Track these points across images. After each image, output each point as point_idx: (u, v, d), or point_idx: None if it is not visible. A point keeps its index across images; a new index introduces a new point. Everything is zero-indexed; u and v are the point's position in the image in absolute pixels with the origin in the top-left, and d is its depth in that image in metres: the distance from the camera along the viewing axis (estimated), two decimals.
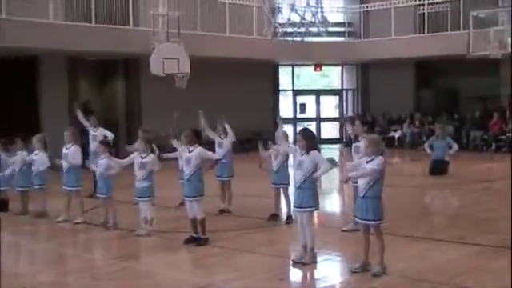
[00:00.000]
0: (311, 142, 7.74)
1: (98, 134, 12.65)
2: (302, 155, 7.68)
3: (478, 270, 7.47)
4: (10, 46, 15.06)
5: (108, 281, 7.53)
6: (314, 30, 18.36)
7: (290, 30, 18.35)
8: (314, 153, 7.63)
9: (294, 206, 7.94)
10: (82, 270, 7.95)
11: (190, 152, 8.81)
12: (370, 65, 25.36)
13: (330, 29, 19.86)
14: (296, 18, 17.49)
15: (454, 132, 20.93)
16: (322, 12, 17.30)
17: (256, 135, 19.11)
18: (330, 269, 7.92)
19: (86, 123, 12.97)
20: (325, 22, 17.90)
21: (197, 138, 8.90)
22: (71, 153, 10.67)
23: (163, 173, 9.76)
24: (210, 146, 9.75)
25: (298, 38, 18.65)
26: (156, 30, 17.72)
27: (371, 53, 22.97)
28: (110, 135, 12.59)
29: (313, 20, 17.41)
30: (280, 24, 18.00)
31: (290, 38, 18.57)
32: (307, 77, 26.98)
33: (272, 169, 10.27)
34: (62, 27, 16.65)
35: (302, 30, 17.69)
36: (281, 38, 18.67)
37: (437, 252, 8.31)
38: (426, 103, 24.56)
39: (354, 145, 9.38)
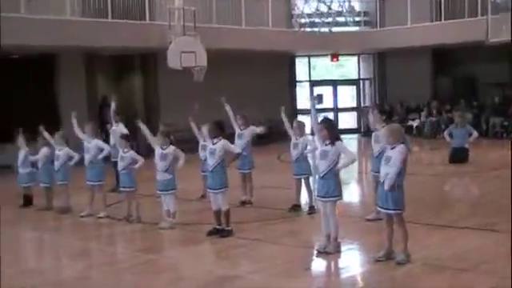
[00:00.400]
0: (334, 131, 7.77)
1: (118, 128, 12.75)
2: (327, 145, 7.69)
3: (500, 257, 7.43)
4: (28, 44, 15.17)
5: (132, 274, 7.58)
6: (342, 19, 18.29)
7: (317, 20, 18.26)
8: (338, 143, 7.67)
9: (318, 196, 7.93)
10: (105, 264, 8.06)
11: (214, 144, 8.87)
12: (387, 54, 25.18)
13: (347, 18, 19.77)
14: (323, 9, 17.46)
15: (473, 119, 20.75)
16: (349, 1, 17.31)
17: (273, 127, 19.08)
18: (354, 258, 7.95)
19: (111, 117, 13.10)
20: (352, 11, 17.90)
21: (220, 130, 8.95)
22: (93, 146, 10.80)
23: (183, 165, 9.80)
24: (230, 138, 9.78)
25: (326, 29, 18.56)
26: (172, 23, 17.77)
27: (388, 42, 22.81)
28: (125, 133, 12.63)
29: (340, 10, 17.42)
30: (307, 15, 17.98)
31: (316, 29, 18.50)
32: (324, 67, 26.85)
33: (292, 159, 10.30)
34: (79, 23, 16.73)
35: (330, 19, 17.67)
36: (308, 29, 18.59)
37: (459, 240, 8.31)
38: (444, 91, 24.37)
39: (373, 134, 9.40)
